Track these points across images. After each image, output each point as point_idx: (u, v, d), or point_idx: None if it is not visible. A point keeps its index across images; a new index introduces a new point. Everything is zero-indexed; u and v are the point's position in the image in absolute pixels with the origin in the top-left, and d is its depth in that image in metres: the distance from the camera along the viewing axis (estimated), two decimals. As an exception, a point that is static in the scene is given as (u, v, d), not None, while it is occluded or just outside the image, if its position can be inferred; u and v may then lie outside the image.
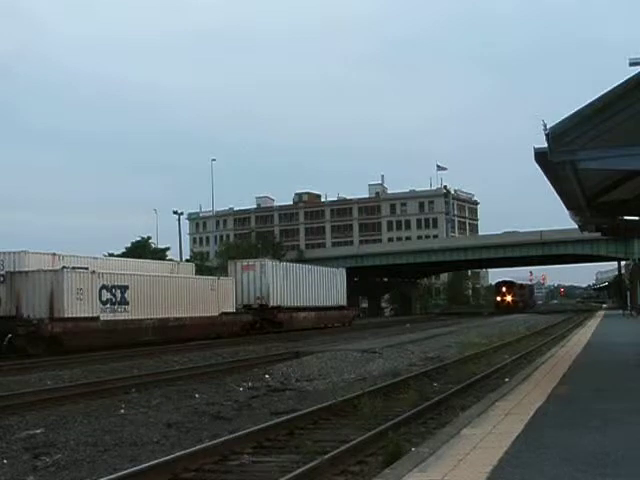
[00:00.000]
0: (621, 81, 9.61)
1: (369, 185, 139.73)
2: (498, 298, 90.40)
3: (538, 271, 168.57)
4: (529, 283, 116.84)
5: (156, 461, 7.85)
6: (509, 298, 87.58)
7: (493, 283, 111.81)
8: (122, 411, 12.95)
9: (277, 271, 43.79)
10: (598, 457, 6.25)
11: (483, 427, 7.95)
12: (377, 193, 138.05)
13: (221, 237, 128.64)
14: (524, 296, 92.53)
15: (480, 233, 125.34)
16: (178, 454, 8.21)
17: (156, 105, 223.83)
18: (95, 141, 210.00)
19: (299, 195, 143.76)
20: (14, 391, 15.69)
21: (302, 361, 21.06)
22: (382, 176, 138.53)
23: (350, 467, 7.76)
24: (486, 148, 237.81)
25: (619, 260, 73.47)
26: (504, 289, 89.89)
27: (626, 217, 18.73)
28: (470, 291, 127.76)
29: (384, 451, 7.97)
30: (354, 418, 10.89)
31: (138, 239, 78.05)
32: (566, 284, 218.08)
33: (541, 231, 77.00)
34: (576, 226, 21.75)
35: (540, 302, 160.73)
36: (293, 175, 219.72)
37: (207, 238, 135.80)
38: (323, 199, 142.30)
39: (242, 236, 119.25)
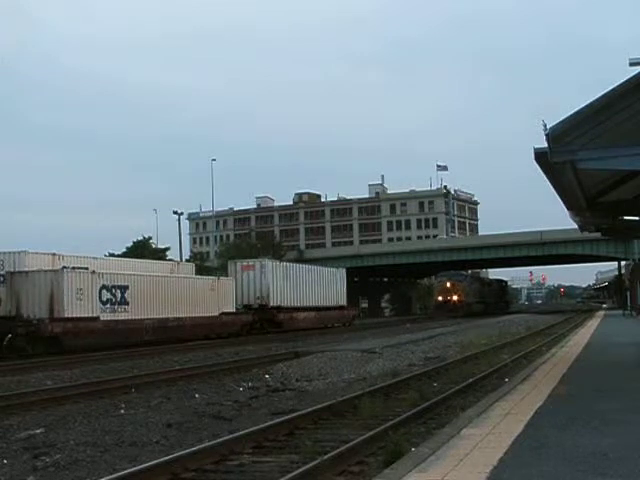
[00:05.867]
0: (621, 81, 9.62)
1: (369, 185, 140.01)
2: (440, 297, 72.54)
3: (538, 271, 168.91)
4: (500, 278, 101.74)
5: (156, 461, 7.84)
6: (455, 297, 70.69)
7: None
8: (122, 411, 12.95)
9: (277, 271, 43.79)
10: (598, 457, 6.25)
11: (483, 427, 7.95)
12: (377, 193, 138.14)
13: (221, 237, 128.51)
14: (486, 293, 78.62)
15: (480, 233, 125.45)
16: (178, 454, 8.20)
17: (156, 105, 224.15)
18: (95, 141, 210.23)
19: (299, 195, 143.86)
20: (14, 391, 15.70)
21: (302, 361, 21.07)
22: (382, 176, 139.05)
23: (350, 467, 7.75)
24: (486, 148, 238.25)
25: (619, 260, 73.40)
26: (449, 285, 71.99)
27: (626, 217, 18.74)
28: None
29: (384, 451, 7.96)
30: (354, 418, 10.88)
31: (140, 239, 78.01)
32: (566, 284, 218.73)
33: (541, 231, 76.91)
34: (576, 226, 21.74)
35: (526, 303, 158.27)
36: (293, 175, 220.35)
37: (207, 238, 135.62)
38: (323, 199, 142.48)
39: (242, 236, 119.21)
